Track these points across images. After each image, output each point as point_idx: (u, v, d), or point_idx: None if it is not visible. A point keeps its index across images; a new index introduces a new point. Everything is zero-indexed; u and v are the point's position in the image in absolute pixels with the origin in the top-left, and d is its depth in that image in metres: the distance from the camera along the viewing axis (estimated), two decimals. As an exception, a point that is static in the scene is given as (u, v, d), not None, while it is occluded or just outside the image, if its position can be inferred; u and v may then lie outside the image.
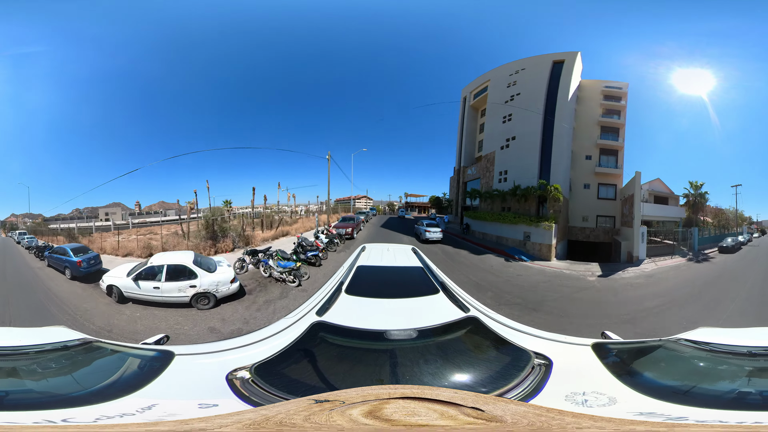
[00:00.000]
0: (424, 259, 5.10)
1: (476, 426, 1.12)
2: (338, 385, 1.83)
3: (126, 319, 9.30)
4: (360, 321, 2.69)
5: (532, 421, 1.15)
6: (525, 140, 22.87)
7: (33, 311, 10.43)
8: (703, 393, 1.74)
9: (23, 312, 10.37)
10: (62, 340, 2.33)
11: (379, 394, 1.41)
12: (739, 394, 1.68)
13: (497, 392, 1.77)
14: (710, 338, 2.33)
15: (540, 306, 10.70)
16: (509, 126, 24.54)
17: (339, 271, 4.56)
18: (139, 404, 1.64)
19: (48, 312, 10.26)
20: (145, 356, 2.34)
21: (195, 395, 1.83)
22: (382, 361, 2.18)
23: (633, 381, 1.84)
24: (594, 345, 2.28)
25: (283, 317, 2.95)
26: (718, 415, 1.44)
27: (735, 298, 12.33)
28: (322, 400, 1.38)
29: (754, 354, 2.10)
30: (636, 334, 9.15)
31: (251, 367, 2.00)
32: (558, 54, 23.97)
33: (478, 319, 2.71)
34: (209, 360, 2.23)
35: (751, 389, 1.74)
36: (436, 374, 1.96)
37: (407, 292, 3.60)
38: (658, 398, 1.63)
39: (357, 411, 1.20)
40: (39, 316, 10.05)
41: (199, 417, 1.27)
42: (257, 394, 1.78)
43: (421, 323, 2.56)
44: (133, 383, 1.84)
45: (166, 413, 1.57)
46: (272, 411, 1.28)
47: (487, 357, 2.33)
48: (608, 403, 1.63)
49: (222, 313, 9.56)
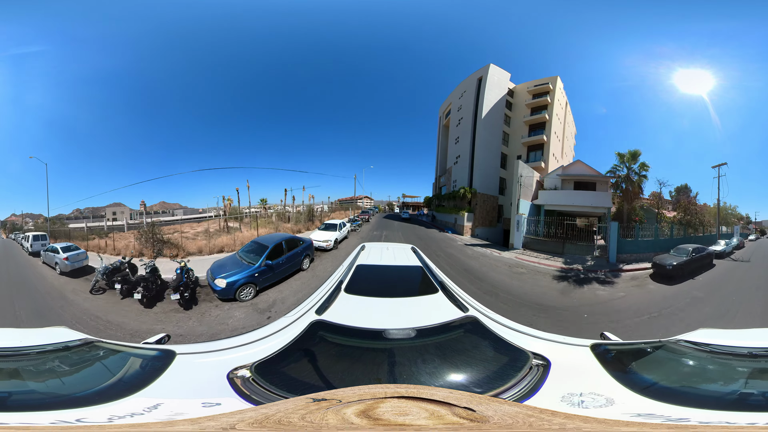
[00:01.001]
0: (423, 259, 5.09)
1: (459, 426, 1.14)
2: (337, 383, 1.83)
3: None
4: (359, 320, 2.70)
5: (517, 422, 1.16)
6: (463, 157, 30.60)
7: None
8: (703, 394, 1.74)
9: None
10: (63, 340, 2.34)
11: (376, 394, 1.43)
12: (741, 395, 1.68)
13: (493, 392, 1.77)
14: (711, 339, 2.33)
15: (433, 244, 21.24)
16: (458, 147, 32.32)
17: (338, 270, 4.55)
18: (145, 404, 1.65)
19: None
20: (146, 356, 2.34)
21: (198, 394, 1.84)
22: (380, 360, 2.19)
23: (631, 382, 1.84)
24: (593, 345, 2.28)
25: (282, 316, 2.96)
26: (721, 416, 1.44)
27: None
28: (319, 399, 1.40)
29: (755, 355, 2.10)
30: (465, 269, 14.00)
31: (252, 365, 2.00)
32: (480, 70, 29.00)
33: (476, 319, 2.71)
34: (210, 359, 2.25)
35: (753, 390, 1.73)
36: (433, 374, 1.97)
37: (406, 292, 3.61)
38: (656, 399, 1.63)
39: (351, 410, 1.22)
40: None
41: (206, 416, 1.28)
42: (258, 393, 1.79)
43: (420, 322, 2.57)
44: (137, 383, 1.85)
45: (173, 412, 1.58)
46: (272, 409, 1.29)
47: (485, 357, 2.32)
48: (605, 404, 1.63)
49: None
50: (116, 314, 9.46)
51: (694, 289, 11.58)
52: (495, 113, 28.22)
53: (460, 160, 31.23)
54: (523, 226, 20.10)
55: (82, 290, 11.61)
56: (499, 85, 28.48)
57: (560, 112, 27.97)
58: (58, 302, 10.73)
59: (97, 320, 9.12)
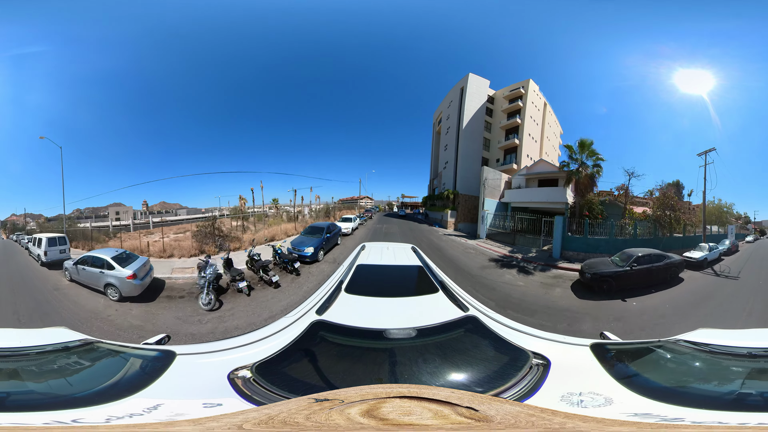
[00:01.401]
0: (423, 258, 5.08)
1: (465, 426, 1.14)
2: (338, 383, 1.83)
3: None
4: (359, 320, 2.70)
5: (520, 421, 1.17)
6: (450, 163, 34.50)
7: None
8: (701, 394, 1.74)
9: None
10: (63, 341, 2.34)
11: (378, 394, 1.43)
12: (739, 395, 1.68)
13: (494, 392, 1.78)
14: (710, 339, 2.34)
15: (419, 233, 25.83)
16: (446, 153, 36.11)
17: (339, 270, 4.55)
18: (145, 404, 1.64)
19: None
20: (147, 356, 2.34)
21: (199, 395, 1.84)
22: (381, 360, 2.19)
23: (630, 382, 1.85)
24: (593, 345, 2.29)
25: (283, 316, 2.97)
26: (716, 416, 1.44)
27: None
28: (321, 399, 1.40)
29: (754, 355, 2.10)
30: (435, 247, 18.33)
31: (252, 366, 2.00)
32: (462, 80, 31.50)
33: (477, 318, 2.71)
34: (210, 359, 2.24)
35: (751, 390, 1.73)
36: (434, 373, 1.97)
37: (407, 291, 3.61)
38: (654, 399, 1.63)
39: (355, 410, 1.22)
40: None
41: (208, 416, 1.28)
42: (259, 393, 1.79)
43: (421, 322, 2.57)
44: (137, 383, 1.85)
45: (173, 413, 1.58)
46: (274, 410, 1.29)
47: (485, 357, 2.32)
48: (604, 404, 1.63)
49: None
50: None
51: (574, 314, 8.04)
52: (475, 122, 32.18)
53: (448, 166, 35.55)
54: (488, 221, 23.69)
55: (193, 317, 7.83)
56: (479, 93, 31.62)
57: (536, 113, 29.73)
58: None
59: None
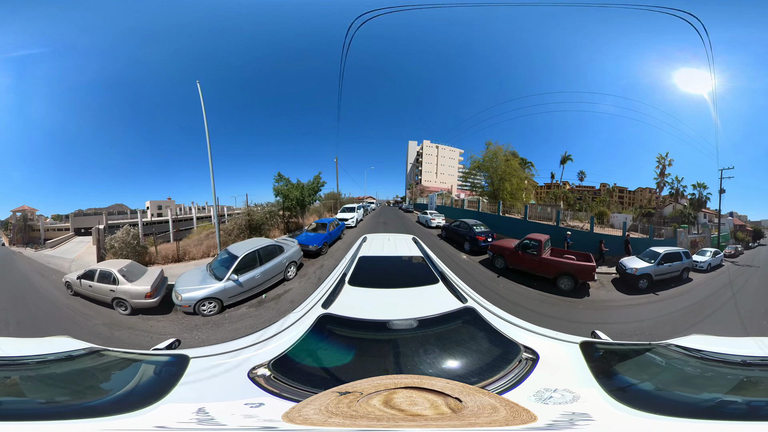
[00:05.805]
0: (424, 249, 5.06)
1: (445, 416, 1.26)
2: (349, 375, 1.88)
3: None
4: (364, 311, 2.75)
5: (483, 412, 1.27)
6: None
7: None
8: (680, 400, 1.73)
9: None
10: (66, 350, 2.31)
11: (388, 385, 1.51)
12: (721, 402, 1.67)
13: (483, 383, 1.83)
14: (702, 345, 2.31)
15: (403, 218, 29.24)
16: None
17: (342, 263, 4.55)
18: (190, 410, 1.61)
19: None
20: (158, 362, 2.32)
21: (236, 396, 1.81)
22: (385, 352, 2.27)
23: (608, 382, 1.84)
24: (582, 343, 2.29)
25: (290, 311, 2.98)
26: (687, 424, 1.44)
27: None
28: (343, 392, 1.48)
29: (748, 363, 2.08)
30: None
31: (269, 363, 2.03)
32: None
33: (474, 310, 2.76)
34: (225, 360, 2.22)
35: (737, 398, 1.71)
36: (433, 364, 2.05)
37: (408, 282, 3.63)
38: (628, 402, 1.61)
39: (376, 401, 1.34)
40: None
41: (285, 416, 1.36)
42: (285, 390, 1.82)
43: (421, 312, 2.63)
44: (157, 390, 1.80)
45: (219, 415, 1.56)
46: (315, 403, 1.40)
47: (480, 348, 2.36)
48: (570, 401, 1.64)
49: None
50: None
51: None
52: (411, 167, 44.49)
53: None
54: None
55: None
56: (413, 150, 43.14)
57: (431, 154, 40.60)
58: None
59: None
